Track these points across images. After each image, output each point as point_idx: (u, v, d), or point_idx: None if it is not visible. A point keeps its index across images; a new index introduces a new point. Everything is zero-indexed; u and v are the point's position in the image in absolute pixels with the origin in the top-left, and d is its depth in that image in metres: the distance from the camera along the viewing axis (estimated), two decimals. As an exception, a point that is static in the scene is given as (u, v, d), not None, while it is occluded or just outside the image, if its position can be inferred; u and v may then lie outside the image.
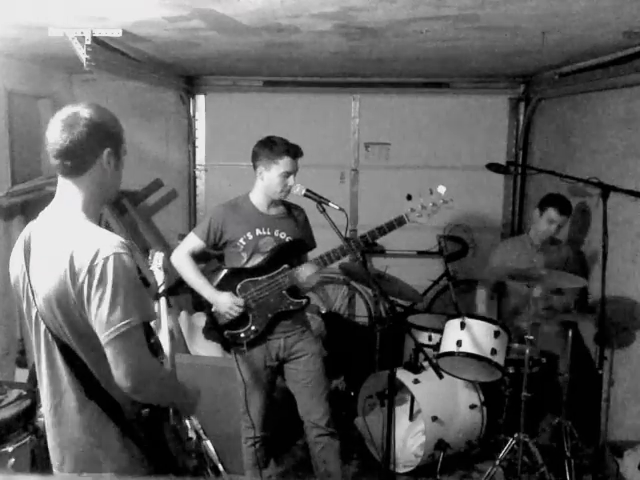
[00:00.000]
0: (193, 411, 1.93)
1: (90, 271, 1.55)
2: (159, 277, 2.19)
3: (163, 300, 2.13)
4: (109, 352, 1.57)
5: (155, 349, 1.80)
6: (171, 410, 1.83)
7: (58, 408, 1.71)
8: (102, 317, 1.55)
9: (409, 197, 2.88)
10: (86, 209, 1.69)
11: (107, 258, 1.56)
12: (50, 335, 1.66)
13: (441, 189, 2.86)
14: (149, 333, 1.77)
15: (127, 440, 1.70)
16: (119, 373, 1.58)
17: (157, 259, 2.22)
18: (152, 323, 1.82)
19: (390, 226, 2.86)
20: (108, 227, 4.28)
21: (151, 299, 2.00)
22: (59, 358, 1.67)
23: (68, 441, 1.72)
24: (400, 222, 2.86)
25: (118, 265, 1.57)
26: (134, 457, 1.71)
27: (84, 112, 1.64)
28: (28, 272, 1.66)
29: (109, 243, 1.59)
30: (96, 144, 1.66)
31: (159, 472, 1.75)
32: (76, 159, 1.65)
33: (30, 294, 1.67)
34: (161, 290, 2.15)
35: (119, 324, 1.55)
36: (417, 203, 2.87)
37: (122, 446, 1.70)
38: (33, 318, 1.69)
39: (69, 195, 1.69)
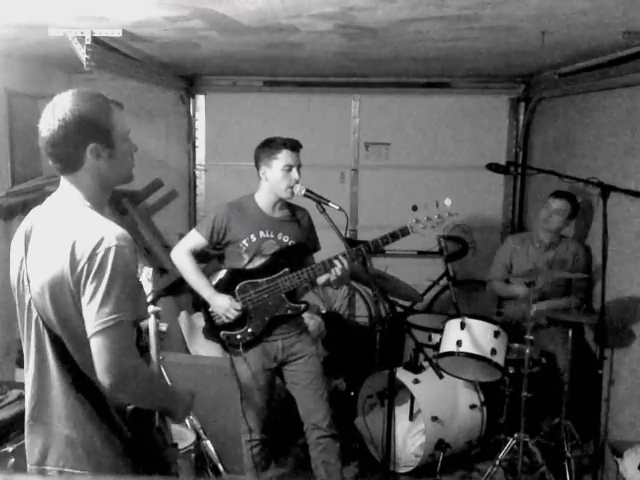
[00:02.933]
0: (184, 417, 1.88)
1: (90, 259, 1.52)
2: (147, 288, 2.18)
3: (151, 307, 2.12)
4: (93, 345, 1.53)
5: (142, 351, 1.75)
6: (157, 413, 1.78)
7: (42, 401, 1.68)
8: (93, 308, 1.52)
9: (414, 208, 2.81)
10: (90, 198, 1.67)
11: (109, 249, 1.53)
12: (41, 324, 1.63)
13: (447, 202, 2.81)
14: (139, 335, 1.74)
15: (111, 436, 1.66)
16: (100, 368, 1.53)
17: (146, 272, 2.21)
18: (144, 324, 1.80)
19: (394, 236, 2.81)
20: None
21: (145, 298, 1.98)
22: (49, 348, 1.64)
23: (50, 436, 1.68)
24: (404, 233, 2.81)
25: (118, 257, 1.53)
26: (117, 455, 1.67)
27: (60, 112, 1.60)
28: (26, 260, 1.65)
29: (113, 234, 1.57)
30: (76, 143, 1.61)
31: (142, 470, 1.70)
32: (63, 160, 1.64)
33: (26, 282, 1.65)
34: (149, 299, 2.14)
35: (108, 317, 1.51)
36: (422, 215, 2.81)
37: (105, 443, 1.65)
38: (26, 306, 1.66)
39: (71, 188, 1.67)
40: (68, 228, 1.59)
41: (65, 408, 1.66)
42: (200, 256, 3.04)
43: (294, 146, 2.87)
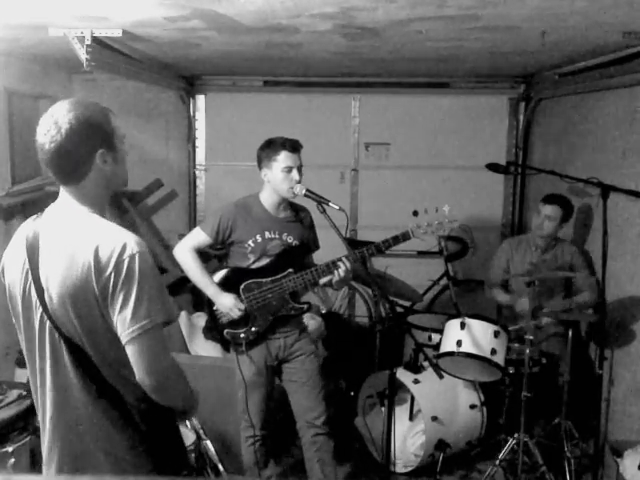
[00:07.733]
0: (194, 414, 1.90)
1: (117, 266, 1.53)
2: None
3: None
4: (132, 349, 1.55)
5: None
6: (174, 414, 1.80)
7: (61, 412, 1.67)
8: (127, 314, 1.53)
9: (415, 213, 2.87)
10: (94, 206, 1.67)
11: (134, 255, 1.54)
12: (57, 334, 1.61)
13: (446, 208, 2.87)
14: None
15: (135, 441, 1.66)
16: (142, 371, 1.56)
17: None
18: None
19: (396, 240, 2.85)
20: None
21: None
22: (67, 358, 1.63)
23: (69, 446, 1.68)
24: (405, 237, 2.86)
25: (144, 263, 1.55)
26: (141, 460, 1.68)
27: (63, 121, 1.56)
28: (34, 270, 1.62)
29: (133, 241, 1.58)
30: (85, 151, 1.60)
31: (166, 471, 1.72)
32: (69, 170, 1.62)
33: (33, 292, 1.62)
34: None
35: (144, 321, 1.53)
36: (423, 220, 2.86)
37: (128, 449, 1.66)
38: (36, 318, 1.64)
39: (75, 198, 1.65)
40: (85, 237, 1.58)
41: (86, 417, 1.66)
42: (200, 256, 3.04)
43: (294, 147, 2.87)
